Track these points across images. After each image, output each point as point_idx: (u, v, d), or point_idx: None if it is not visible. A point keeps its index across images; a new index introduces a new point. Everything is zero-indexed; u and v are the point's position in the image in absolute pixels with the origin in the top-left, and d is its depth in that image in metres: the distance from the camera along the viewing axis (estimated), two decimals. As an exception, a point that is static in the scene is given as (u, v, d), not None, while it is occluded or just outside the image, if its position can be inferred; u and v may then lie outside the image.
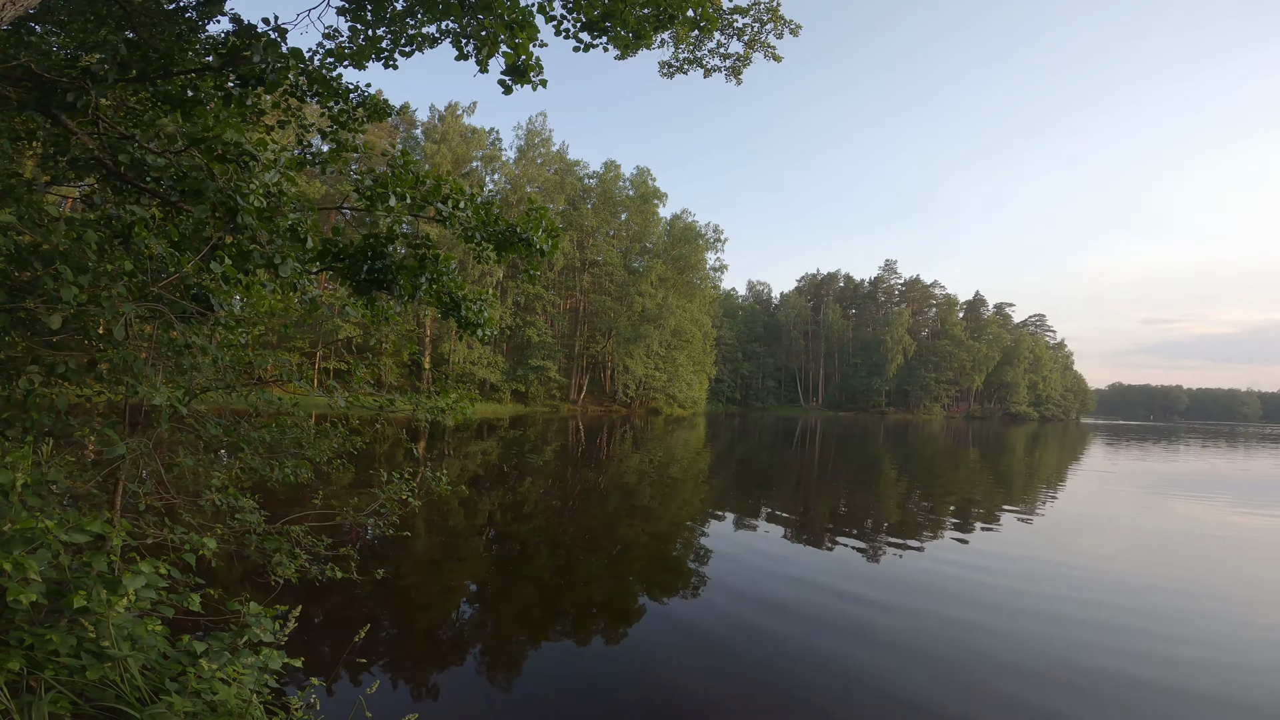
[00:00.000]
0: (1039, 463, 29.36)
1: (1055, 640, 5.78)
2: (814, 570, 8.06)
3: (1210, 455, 35.22)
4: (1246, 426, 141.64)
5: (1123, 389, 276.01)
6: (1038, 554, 9.50)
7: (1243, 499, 17.33)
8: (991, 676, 4.98)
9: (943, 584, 7.50)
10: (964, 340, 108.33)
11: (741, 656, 5.33)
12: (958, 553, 9.35)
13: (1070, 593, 7.37)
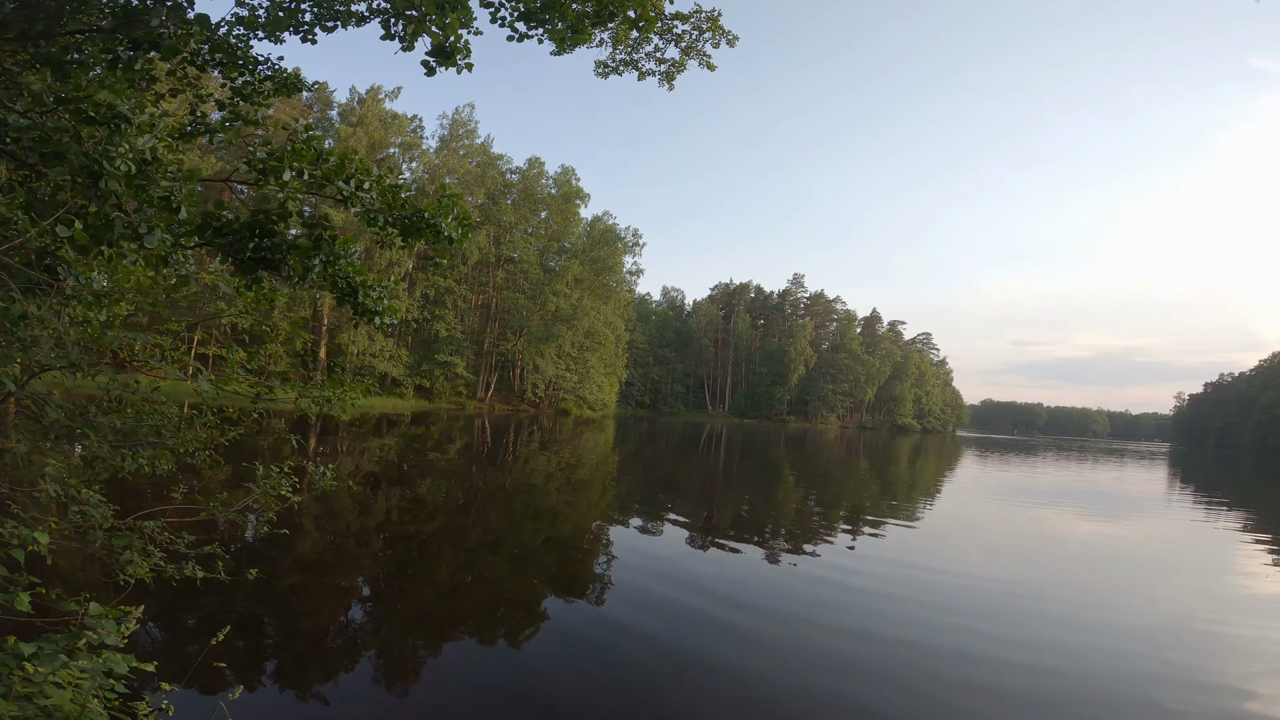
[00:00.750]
0: (920, 472, 31.59)
1: (907, 643, 5.99)
2: (709, 576, 8.26)
3: (1063, 468, 39.17)
4: (1095, 442, 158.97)
5: (993, 405, 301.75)
6: (909, 559, 10.17)
7: (1088, 508, 19.39)
8: (839, 680, 5.09)
9: (818, 590, 7.74)
10: (860, 355, 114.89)
11: (628, 659, 5.37)
12: (842, 557, 9.86)
13: (930, 598, 7.81)
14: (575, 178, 67.67)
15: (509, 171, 65.41)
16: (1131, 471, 38.36)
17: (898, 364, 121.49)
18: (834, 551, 9.93)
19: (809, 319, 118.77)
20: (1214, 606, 7.85)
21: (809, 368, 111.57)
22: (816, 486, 21.83)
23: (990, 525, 14.51)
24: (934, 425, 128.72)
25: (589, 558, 8.83)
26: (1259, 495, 27.67)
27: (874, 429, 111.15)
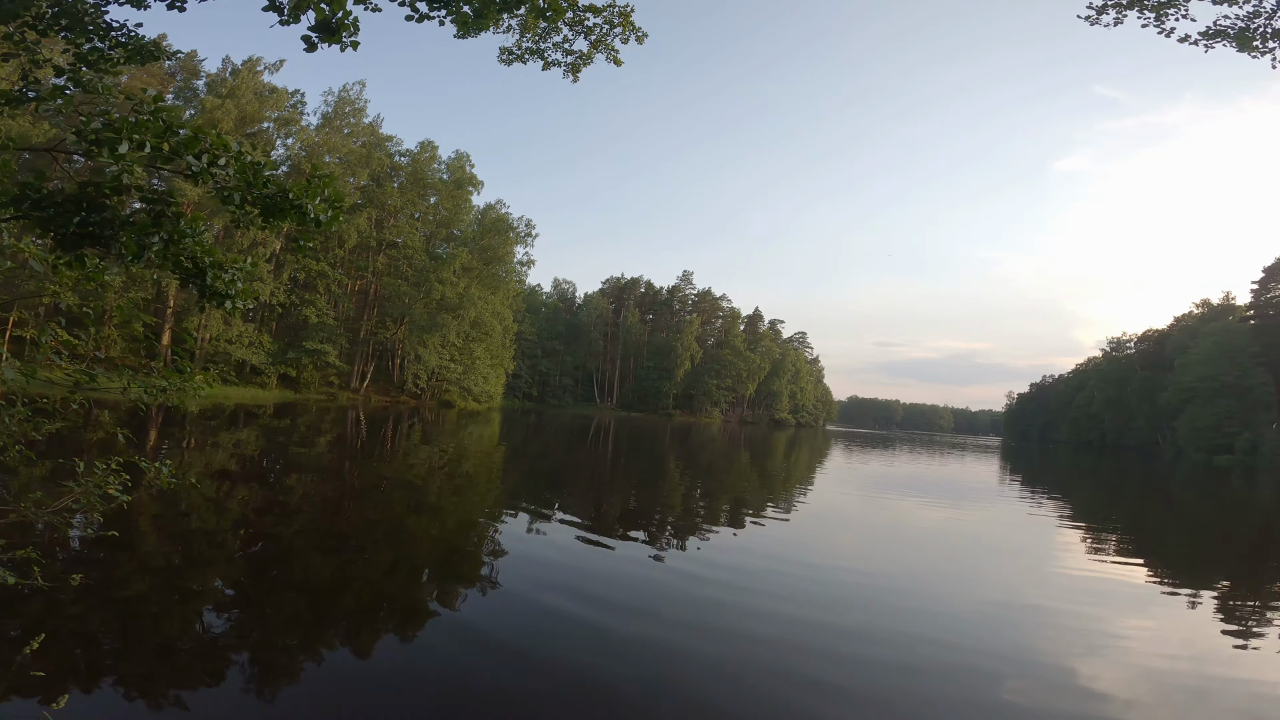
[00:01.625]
0: (795, 464, 33.52)
1: (760, 640, 5.87)
2: (595, 574, 8.25)
3: (915, 460, 43.09)
4: (941, 436, 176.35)
5: (858, 401, 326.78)
6: (780, 552, 10.68)
7: (935, 497, 21.44)
8: (692, 676, 4.99)
9: (690, 587, 7.80)
10: (742, 351, 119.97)
11: (516, 659, 5.24)
12: (719, 553, 10.18)
13: (788, 591, 7.98)
14: (469, 163, 65.36)
15: (398, 154, 61.97)
16: (970, 464, 42.86)
17: (776, 361, 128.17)
18: (712, 547, 10.26)
19: (696, 315, 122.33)
20: (1041, 588, 8.90)
21: (695, 363, 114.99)
22: (701, 479, 22.53)
23: (854, 515, 15.63)
24: (807, 420, 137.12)
25: (476, 555, 8.54)
26: (1073, 485, 31.86)
27: (754, 423, 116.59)
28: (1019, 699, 4.78)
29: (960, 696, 4.76)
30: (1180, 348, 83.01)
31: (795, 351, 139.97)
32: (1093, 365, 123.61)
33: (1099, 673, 5.30)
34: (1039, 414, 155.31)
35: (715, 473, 24.90)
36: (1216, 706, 4.75)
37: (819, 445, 55.85)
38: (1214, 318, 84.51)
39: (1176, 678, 5.31)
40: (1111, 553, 12.16)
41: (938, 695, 4.76)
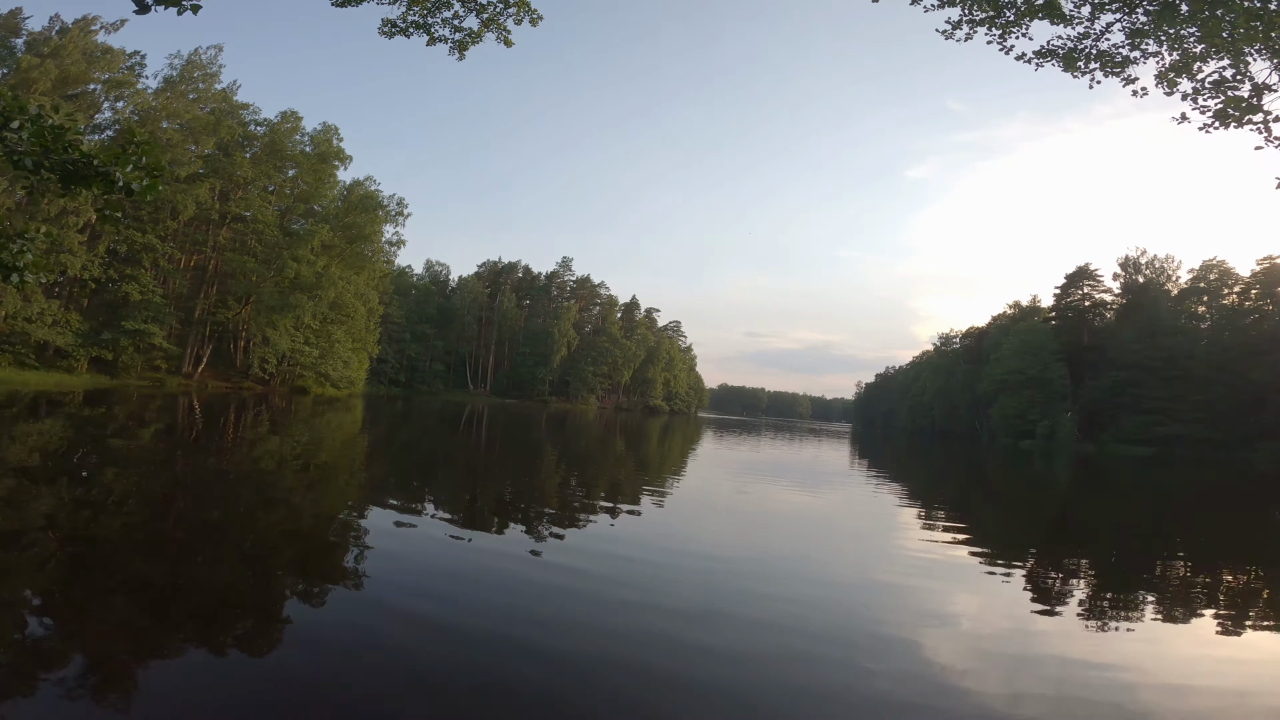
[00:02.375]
0: (669, 450, 34.49)
1: (607, 632, 5.75)
2: (464, 569, 7.96)
3: (777, 445, 45.95)
4: (801, 422, 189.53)
5: (728, 389, 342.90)
6: (649, 539, 11.00)
7: (794, 481, 22.97)
8: (536, 672, 4.79)
9: (560, 580, 7.99)
10: (619, 339, 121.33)
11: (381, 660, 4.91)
12: (591, 541, 10.25)
13: (651, 581, 8.28)
14: (338, 137, 60.44)
15: (254, 123, 55.82)
16: (825, 449, 46.41)
17: (651, 349, 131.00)
18: (585, 536, 10.25)
19: (574, 302, 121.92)
20: (886, 565, 9.78)
21: (571, 349, 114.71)
22: (578, 467, 22.51)
23: (722, 501, 16.32)
24: (680, 407, 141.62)
25: (334, 554, 7.91)
26: (909, 468, 35.41)
27: (629, 410, 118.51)
28: (870, 676, 5.18)
29: (810, 674, 5.09)
30: (995, 344, 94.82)
31: (670, 340, 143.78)
32: (926, 358, 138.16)
33: (939, 644, 5.89)
34: (882, 402, 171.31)
35: (591, 460, 24.99)
36: (1035, 674, 5.40)
37: (691, 432, 57.86)
38: (1023, 318, 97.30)
39: (1002, 647, 6.03)
40: (940, 530, 13.63)
41: (783, 676, 5.05)
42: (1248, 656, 6.20)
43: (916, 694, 4.80)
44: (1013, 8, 6.36)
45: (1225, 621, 7.33)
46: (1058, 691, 4.96)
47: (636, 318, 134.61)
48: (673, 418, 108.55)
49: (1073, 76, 6.80)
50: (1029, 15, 6.42)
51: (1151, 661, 5.76)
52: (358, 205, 62.31)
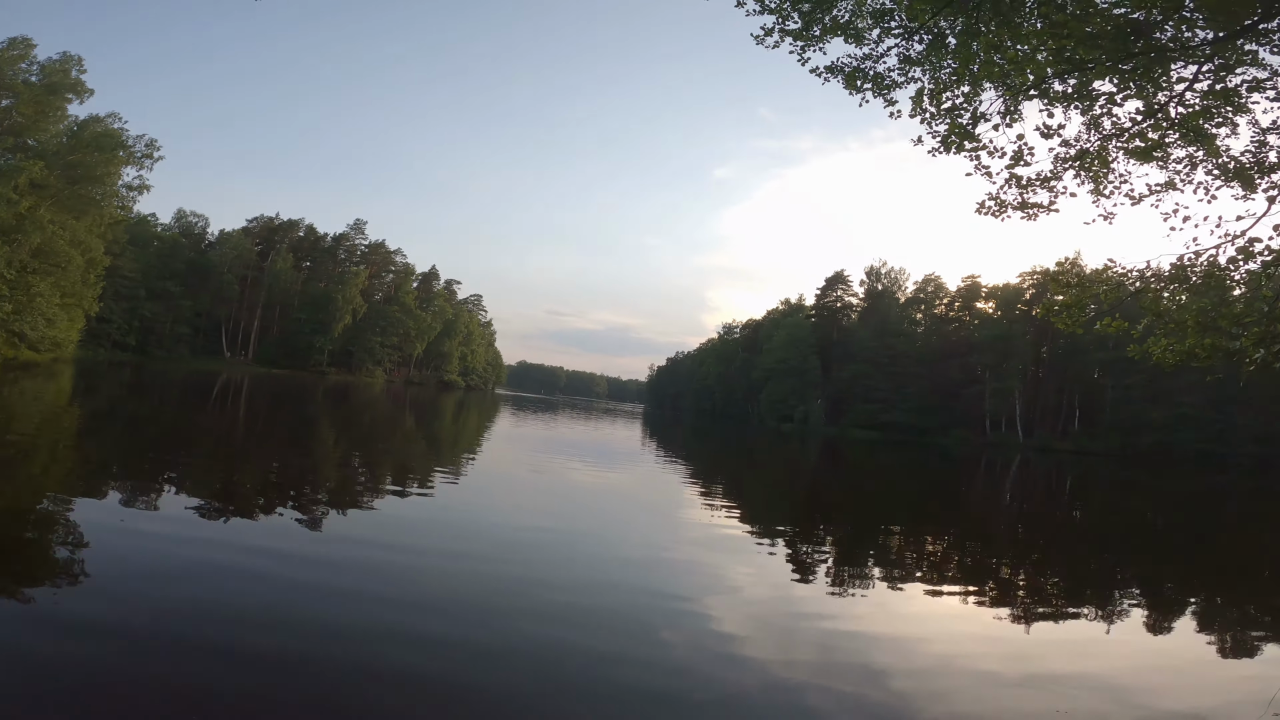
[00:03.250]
0: (464, 427, 33.27)
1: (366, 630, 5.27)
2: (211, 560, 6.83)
3: (574, 424, 46.83)
4: (598, 402, 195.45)
5: (526, 366, 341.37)
6: (426, 523, 10.54)
7: (592, 458, 23.57)
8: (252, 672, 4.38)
9: (292, 572, 7.33)
10: (413, 309, 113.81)
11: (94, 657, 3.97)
12: (362, 528, 9.51)
13: (401, 576, 8.07)
14: (79, 68, 49.24)
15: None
16: (620, 428, 48.40)
17: (449, 322, 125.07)
18: (358, 521, 9.47)
19: (365, 267, 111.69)
20: (674, 537, 10.40)
21: (358, 318, 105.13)
22: (361, 444, 20.67)
23: (518, 480, 16.14)
24: (477, 383, 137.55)
25: (30, 553, 6.24)
26: (692, 448, 38.28)
27: (421, 384, 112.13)
28: (666, 648, 5.43)
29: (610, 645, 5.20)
30: (768, 336, 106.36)
31: (470, 314, 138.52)
32: (711, 346, 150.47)
33: (722, 615, 6.38)
34: (672, 385, 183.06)
35: (376, 438, 23.14)
36: (801, 639, 6.09)
37: (488, 408, 56.48)
38: (790, 313, 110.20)
39: (773, 615, 6.72)
40: (718, 507, 14.93)
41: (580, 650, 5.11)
42: (950, 613, 7.64)
43: (706, 662, 5.13)
44: (819, 23, 6.98)
45: (931, 584, 8.97)
46: (819, 652, 5.65)
47: (435, 288, 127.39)
48: (469, 394, 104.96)
49: (849, 94, 7.69)
50: (831, 32, 7.10)
51: (884, 622, 6.82)
52: (90, 143, 50.92)
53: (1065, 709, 4.70)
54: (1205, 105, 6.69)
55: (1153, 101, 6.88)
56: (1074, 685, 5.22)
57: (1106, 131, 7.23)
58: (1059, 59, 6.26)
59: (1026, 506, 21.89)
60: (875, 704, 4.59)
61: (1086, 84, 6.72)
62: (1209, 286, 6.94)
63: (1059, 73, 6.55)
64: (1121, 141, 7.29)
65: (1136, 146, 7.19)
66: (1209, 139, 6.86)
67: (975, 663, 5.62)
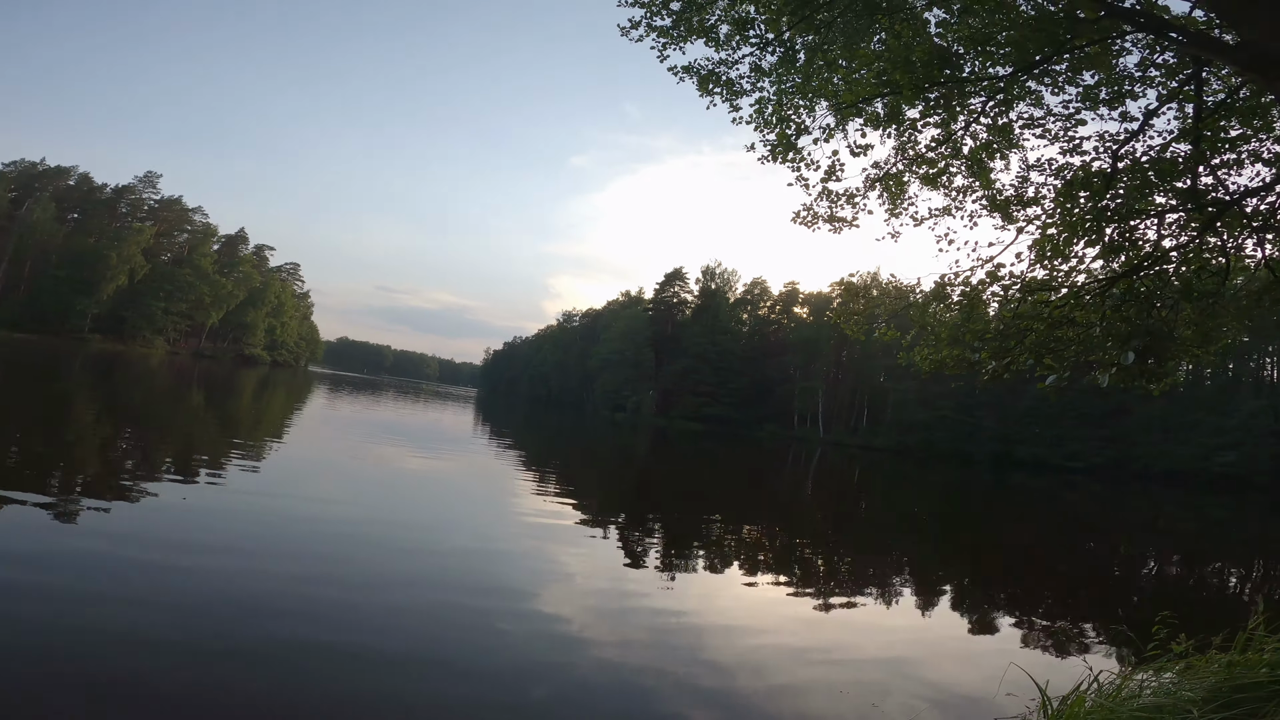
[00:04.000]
0: (268, 407, 29.76)
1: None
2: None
3: (400, 407, 44.06)
4: (427, 384, 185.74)
5: (349, 343, 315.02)
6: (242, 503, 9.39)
7: (420, 443, 22.31)
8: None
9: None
10: (210, 274, 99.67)
11: None
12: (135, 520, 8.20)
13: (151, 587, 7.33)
14: None
15: None
16: (451, 412, 46.41)
17: (256, 290, 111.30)
18: (103, 516, 8.12)
19: (152, 225, 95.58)
20: (508, 526, 10.14)
21: (134, 280, 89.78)
22: (132, 424, 17.62)
23: (333, 464, 14.80)
24: (286, 359, 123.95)
25: None
26: (528, 435, 37.85)
27: (214, 357, 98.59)
28: (503, 636, 5.23)
29: (447, 635, 4.91)
30: (606, 326, 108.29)
31: (282, 283, 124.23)
32: (549, 333, 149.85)
33: (559, 603, 6.32)
34: (508, 369, 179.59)
35: (154, 416, 19.88)
36: (634, 622, 6.21)
37: (299, 387, 51.15)
38: (629, 306, 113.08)
39: (607, 601, 6.78)
40: (551, 495, 14.87)
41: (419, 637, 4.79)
42: (765, 596, 8.24)
43: (546, 652, 5.07)
44: (687, 23, 7.08)
45: (748, 569, 9.67)
46: (652, 638, 5.79)
47: (241, 253, 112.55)
48: (275, 370, 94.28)
49: (699, 95, 7.90)
50: (696, 34, 7.23)
51: (708, 607, 7.20)
52: None
53: (856, 679, 5.32)
54: (988, 140, 7.76)
55: (949, 130, 7.82)
56: (861, 659, 5.96)
57: (908, 156, 8.12)
58: (879, 81, 6.90)
59: (824, 496, 24.54)
60: (706, 686, 4.82)
61: (898, 108, 7.46)
62: (962, 304, 7.71)
63: (876, 94, 7.20)
64: (917, 166, 8.18)
65: (927, 173, 8.11)
66: (985, 172, 7.92)
67: (787, 640, 6.15)
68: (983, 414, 69.67)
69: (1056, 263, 7.10)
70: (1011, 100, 7.28)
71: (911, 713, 4.69)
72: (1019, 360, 7.08)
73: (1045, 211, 7.32)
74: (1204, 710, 3.37)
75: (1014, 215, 7.68)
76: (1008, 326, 7.32)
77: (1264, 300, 6.86)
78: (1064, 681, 4.59)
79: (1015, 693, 4.83)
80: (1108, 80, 6.83)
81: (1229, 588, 13.39)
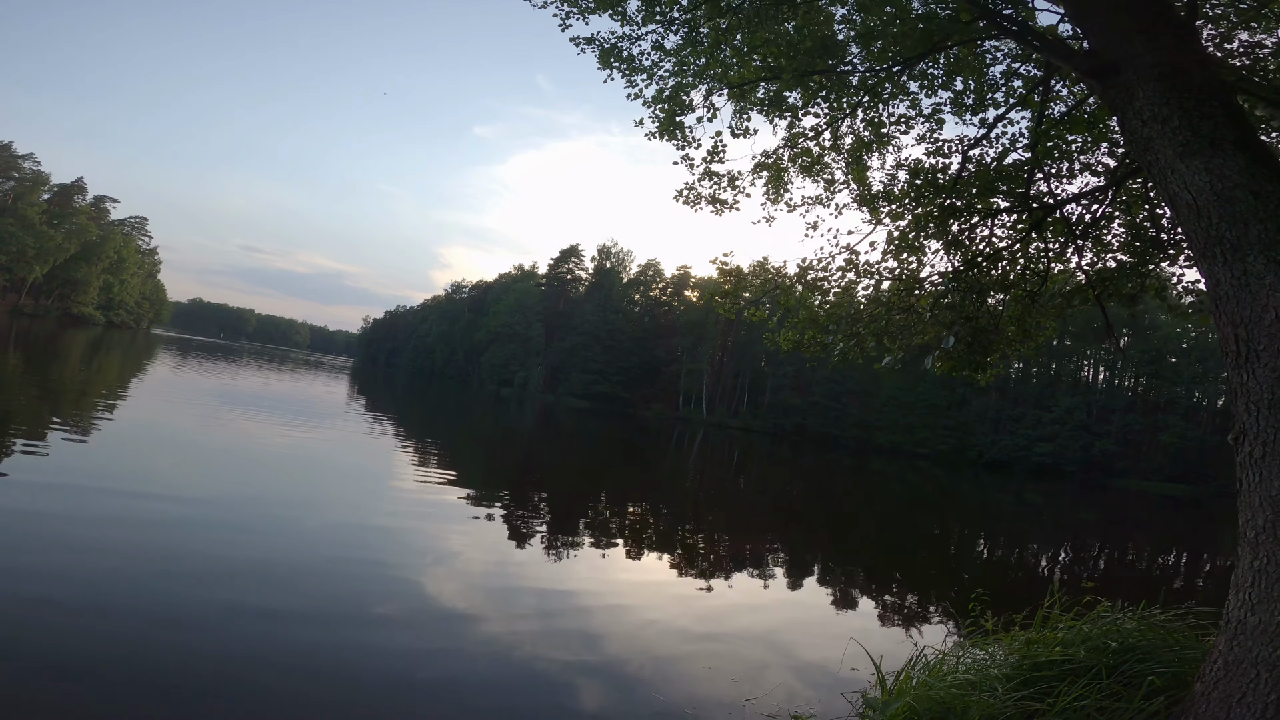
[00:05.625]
0: (100, 374, 26.31)
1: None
2: None
3: (264, 376, 40.56)
4: (296, 352, 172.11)
5: (203, 305, 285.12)
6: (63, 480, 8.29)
7: (286, 415, 20.65)
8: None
9: None
10: (36, 224, 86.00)
11: None
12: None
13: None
14: None
15: None
16: (322, 383, 43.36)
17: (91, 244, 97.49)
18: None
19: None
20: (388, 507, 9.63)
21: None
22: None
23: (177, 439, 13.37)
24: (125, 319, 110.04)
25: None
26: (409, 409, 36.19)
27: (36, 316, 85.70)
28: (384, 624, 4.95)
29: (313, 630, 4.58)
30: (496, 299, 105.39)
31: (126, 238, 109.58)
32: (436, 303, 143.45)
33: (441, 584, 6.09)
34: (389, 340, 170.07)
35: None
36: (521, 602, 6.12)
37: (139, 351, 45.64)
38: (521, 280, 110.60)
39: (493, 581, 6.61)
40: (432, 471, 14.33)
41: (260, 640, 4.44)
42: (648, 576, 8.39)
43: (425, 637, 4.88)
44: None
45: (632, 549, 9.81)
46: (540, 619, 5.72)
47: (77, 203, 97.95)
48: (110, 331, 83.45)
49: (599, 68, 7.65)
50: (602, 7, 6.97)
51: (596, 587, 7.21)
52: None
53: (729, 653, 5.57)
54: (866, 137, 8.15)
55: (832, 122, 8.14)
56: (740, 636, 6.21)
57: (796, 148, 8.38)
58: (764, 65, 7.04)
59: (705, 477, 25.49)
60: (593, 664, 4.85)
61: (782, 95, 7.66)
62: (820, 288, 8.01)
63: (760, 77, 7.34)
64: (799, 157, 8.48)
65: (804, 162, 8.44)
66: (862, 169, 8.31)
67: (671, 620, 6.31)
68: (849, 401, 75.04)
69: (904, 255, 7.61)
70: (888, 99, 7.68)
71: (773, 684, 4.98)
72: (865, 343, 7.56)
73: (904, 208, 7.82)
74: (1007, 688, 3.74)
75: (879, 210, 7.99)
76: (859, 311, 7.79)
77: (1074, 300, 7.72)
78: (900, 654, 5.08)
79: (858, 667, 5.29)
80: (977, 88, 7.39)
81: (1037, 566, 15.28)
